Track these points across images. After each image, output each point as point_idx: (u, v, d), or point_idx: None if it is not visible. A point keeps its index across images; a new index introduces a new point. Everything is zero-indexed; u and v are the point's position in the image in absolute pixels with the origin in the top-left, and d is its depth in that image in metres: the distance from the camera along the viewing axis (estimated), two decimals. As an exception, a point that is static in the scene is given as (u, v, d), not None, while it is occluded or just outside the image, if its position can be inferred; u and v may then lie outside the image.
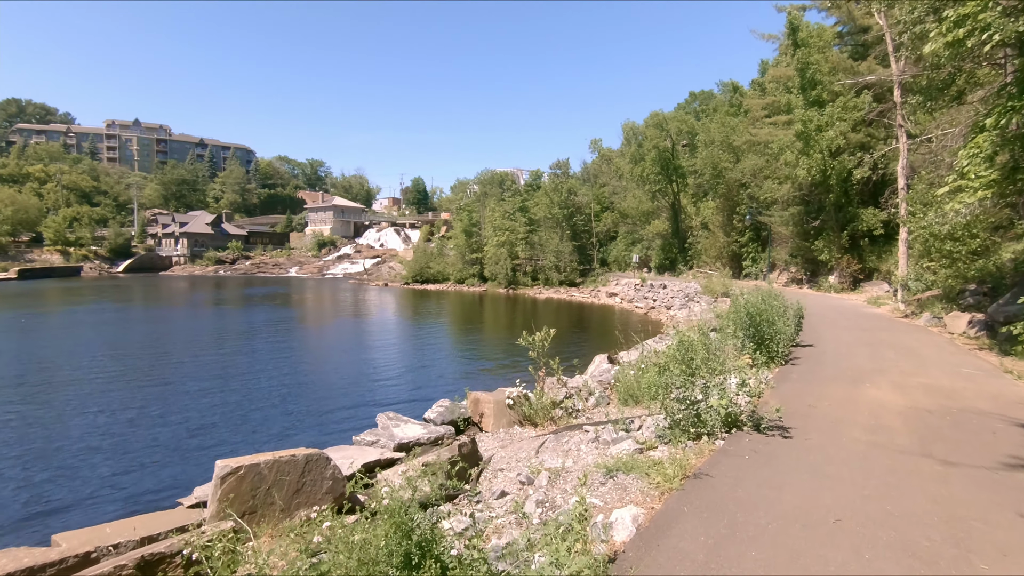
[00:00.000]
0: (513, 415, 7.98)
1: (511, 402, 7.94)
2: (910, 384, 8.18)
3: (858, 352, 11.01)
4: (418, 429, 7.19)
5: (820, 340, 12.44)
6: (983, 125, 10.41)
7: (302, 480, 4.67)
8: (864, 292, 27.02)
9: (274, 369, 17.83)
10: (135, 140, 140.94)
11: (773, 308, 9.97)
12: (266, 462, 4.57)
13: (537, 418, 7.74)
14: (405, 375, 17.54)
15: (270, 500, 4.47)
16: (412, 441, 6.85)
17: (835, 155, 27.38)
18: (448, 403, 8.62)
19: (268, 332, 26.27)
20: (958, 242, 16.69)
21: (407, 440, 6.83)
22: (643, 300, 41.96)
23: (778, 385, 8.23)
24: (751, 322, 9.76)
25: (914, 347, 11.61)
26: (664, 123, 52.01)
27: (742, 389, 5.91)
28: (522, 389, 8.07)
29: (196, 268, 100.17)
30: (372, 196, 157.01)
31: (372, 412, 10.35)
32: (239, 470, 4.43)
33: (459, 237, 68.70)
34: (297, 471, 4.70)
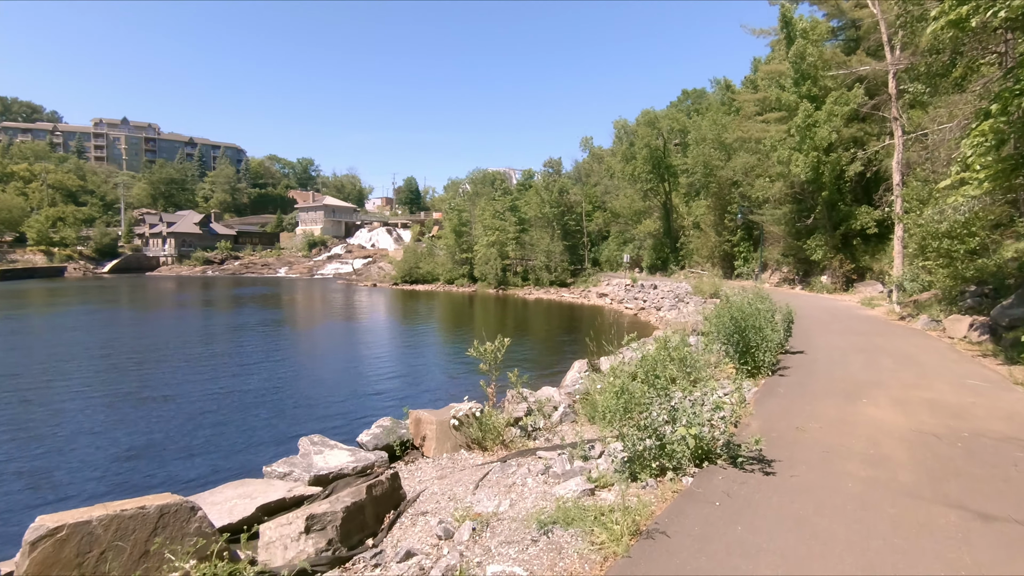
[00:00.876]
0: (460, 437, 6.96)
1: (457, 423, 6.93)
2: (912, 400, 7.22)
3: (853, 360, 10.06)
4: (344, 457, 6.16)
5: (811, 346, 11.50)
6: (987, 111, 9.50)
7: (152, 539, 3.65)
8: (857, 293, 26.19)
9: (233, 378, 16.49)
10: (123, 139, 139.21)
11: (760, 313, 9.01)
12: (101, 518, 3.55)
13: (487, 441, 6.73)
14: (374, 385, 16.17)
15: (104, 570, 3.45)
16: (333, 472, 5.82)
17: (828, 151, 26.54)
18: (389, 422, 7.55)
19: (238, 337, 25.06)
20: (956, 240, 15.83)
21: (327, 471, 5.80)
22: (633, 301, 41.07)
23: (763, 401, 7.26)
24: (735, 329, 8.80)
25: (913, 354, 10.68)
26: (656, 121, 51.13)
27: (716, 414, 4.92)
28: (472, 407, 7.05)
29: (183, 268, 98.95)
30: (364, 196, 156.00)
31: (321, 430, 9.29)
32: (59, 531, 3.41)
33: (449, 237, 67.78)
34: (147, 527, 3.68)
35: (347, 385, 16.09)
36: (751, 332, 8.77)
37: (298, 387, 15.70)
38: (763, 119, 36.11)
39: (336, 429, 10.18)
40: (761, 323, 8.98)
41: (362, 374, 17.78)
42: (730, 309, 8.91)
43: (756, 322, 8.89)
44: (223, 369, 17.83)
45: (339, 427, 10.32)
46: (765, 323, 9.10)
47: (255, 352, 21.31)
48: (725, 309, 8.96)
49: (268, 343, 23.37)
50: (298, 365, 18.92)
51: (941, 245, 16.11)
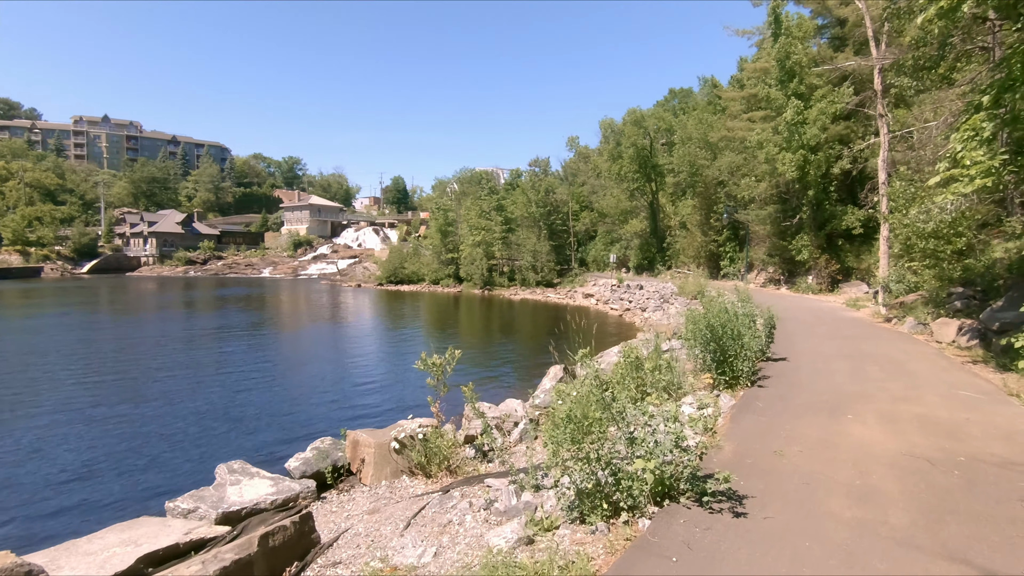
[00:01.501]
0: (401, 462, 6.21)
1: (398, 445, 6.18)
2: (901, 415, 6.60)
3: (837, 368, 9.45)
4: (263, 488, 5.39)
5: (795, 352, 10.90)
6: (979, 104, 8.95)
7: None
8: (842, 293, 25.79)
9: (181, 391, 15.23)
10: (104, 137, 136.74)
11: (739, 319, 8.36)
12: None
13: (431, 466, 6.00)
14: (331, 396, 15.01)
15: None
16: (247, 507, 5.05)
17: (814, 150, 26.13)
18: (327, 443, 6.77)
19: (202, 343, 23.83)
20: (942, 240, 15.36)
21: (240, 506, 5.02)
22: (619, 302, 40.56)
23: (740, 417, 6.60)
24: (712, 336, 8.14)
25: (901, 360, 10.10)
26: (642, 120, 50.68)
27: (682, 442, 4.22)
28: (418, 426, 6.30)
29: (165, 269, 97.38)
30: (351, 195, 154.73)
31: (255, 451, 8.47)
32: None
33: (435, 237, 66.98)
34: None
35: (302, 397, 14.96)
36: (729, 340, 8.12)
37: (248, 400, 14.48)
38: (748, 117, 35.76)
39: (272, 451, 9.22)
40: (740, 330, 8.34)
41: (321, 384, 16.60)
42: (706, 315, 8.24)
43: (735, 329, 8.24)
44: (174, 380, 16.66)
45: (276, 448, 9.28)
46: (745, 329, 8.46)
47: (215, 360, 20.13)
48: (701, 315, 8.30)
49: (231, 349, 22.21)
50: (256, 374, 17.70)
51: (927, 245, 15.64)
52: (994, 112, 8.37)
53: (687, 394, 8.17)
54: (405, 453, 6.14)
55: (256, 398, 14.75)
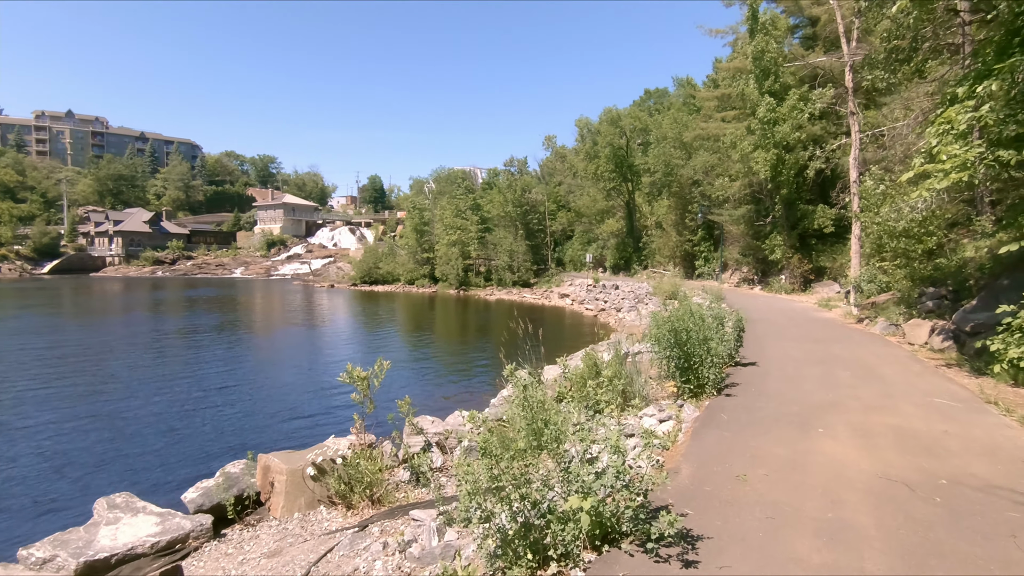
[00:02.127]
0: (319, 490, 5.43)
1: (314, 471, 5.41)
2: (875, 428, 6.06)
3: (808, 374, 8.95)
4: (146, 527, 4.56)
5: (765, 356, 10.39)
6: (954, 95, 8.56)
7: None
8: (815, 293, 25.69)
9: (103, 404, 13.70)
10: (68, 132, 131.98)
11: (706, 324, 7.77)
12: None
13: (353, 495, 5.24)
14: (269, 410, 13.50)
15: None
16: (120, 553, 4.22)
17: (788, 149, 26.00)
18: (240, 467, 5.89)
19: (147, 349, 21.91)
20: (913, 240, 15.13)
21: (109, 553, 4.19)
22: (594, 302, 40.15)
23: (702, 433, 5.98)
24: (676, 341, 7.53)
25: (873, 364, 9.66)
26: (618, 120, 50.50)
27: (622, 477, 3.54)
28: (343, 447, 5.53)
29: (131, 269, 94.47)
30: (327, 194, 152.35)
31: (157, 477, 7.52)
32: None
33: (410, 236, 65.91)
34: None
35: (237, 411, 13.45)
36: (695, 346, 7.53)
37: (173, 415, 12.97)
38: (722, 117, 35.68)
39: (179, 477, 8.10)
40: (707, 334, 7.76)
41: (263, 396, 15.02)
42: (670, 319, 7.63)
43: (701, 334, 7.66)
44: (96, 392, 14.98)
45: (186, 472, 8.21)
46: (712, 334, 7.88)
47: (153, 368, 18.47)
48: (665, 319, 7.68)
49: (176, 356, 20.74)
50: (194, 384, 16.11)
51: (898, 245, 15.40)
52: (968, 104, 7.95)
53: (649, 404, 7.57)
54: (324, 480, 5.38)
55: (184, 413, 13.25)
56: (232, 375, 17.67)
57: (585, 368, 7.49)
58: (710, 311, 9.41)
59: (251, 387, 16.06)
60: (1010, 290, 10.04)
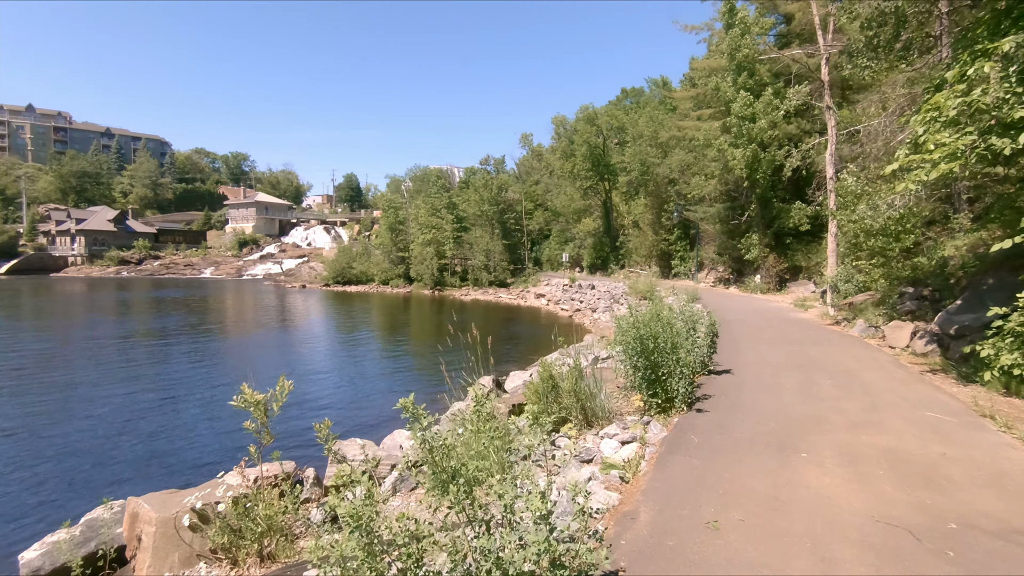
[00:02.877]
0: (199, 542, 4.42)
1: (192, 520, 4.38)
2: (865, 451, 5.28)
3: (787, 382, 8.19)
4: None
5: (740, 362, 9.64)
6: (941, 81, 7.91)
7: None
8: (790, 293, 25.32)
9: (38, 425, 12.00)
10: (28, 127, 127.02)
11: (675, 330, 6.94)
12: None
13: (239, 549, 4.25)
14: (208, 433, 11.83)
15: None
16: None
17: (764, 147, 25.57)
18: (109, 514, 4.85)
19: (76, 357, 20.35)
20: (891, 238, 14.63)
21: None
22: (570, 302, 39.48)
23: (667, 460, 5.12)
24: (642, 350, 6.68)
25: (854, 370, 8.97)
26: (595, 118, 49.96)
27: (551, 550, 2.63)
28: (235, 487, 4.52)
29: (95, 269, 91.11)
30: (302, 193, 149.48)
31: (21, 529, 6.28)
32: None
33: (384, 235, 64.51)
34: None
35: (142, 435, 11.40)
36: (663, 354, 6.69)
37: (60, 442, 10.86)
38: (698, 115, 35.30)
39: (32, 526, 6.61)
40: (676, 341, 6.93)
41: (181, 415, 13.03)
42: (635, 324, 6.77)
43: (670, 341, 6.82)
44: (65, 408, 13.39)
45: (42, 521, 6.72)
46: (682, 341, 7.06)
47: (65, 383, 16.17)
48: (630, 324, 6.82)
49: (96, 367, 18.32)
50: (100, 401, 13.97)
51: (875, 243, 14.89)
52: (958, 89, 7.28)
53: (613, 420, 6.70)
54: (204, 530, 4.37)
55: (72, 439, 11.08)
56: (155, 390, 15.52)
57: (540, 382, 6.59)
58: (681, 314, 8.61)
59: (172, 405, 14.07)
60: (996, 290, 9.47)
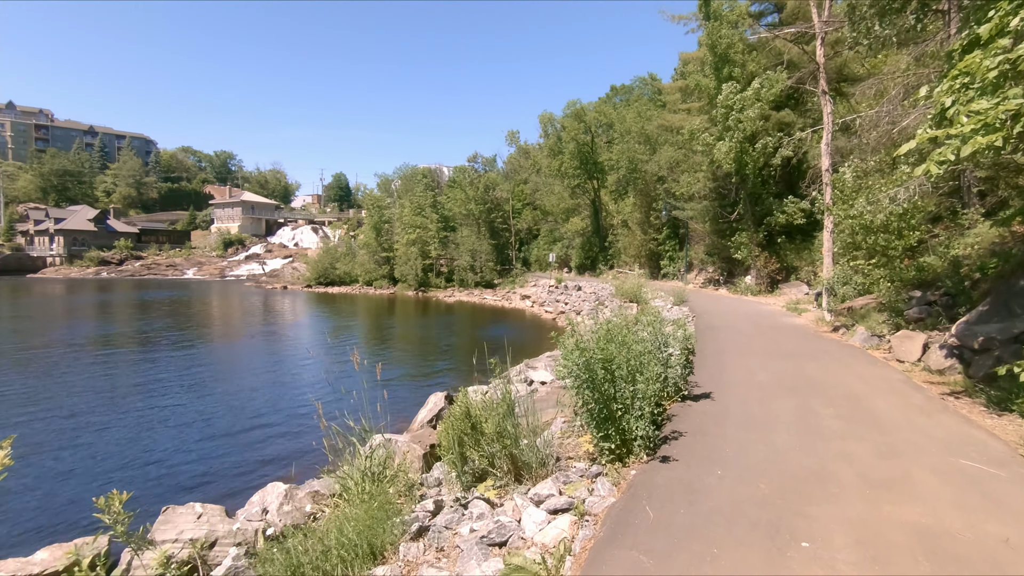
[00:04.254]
0: None
1: None
2: (891, 535, 3.70)
3: (779, 412, 6.61)
4: None
5: (724, 382, 8.06)
6: (974, 39, 6.37)
7: None
8: (782, 295, 23.84)
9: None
10: (8, 125, 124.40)
11: (633, 352, 5.34)
12: None
13: None
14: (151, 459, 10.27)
15: None
16: None
17: (752, 139, 24.06)
18: None
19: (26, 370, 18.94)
20: (893, 235, 13.14)
21: None
22: (555, 304, 37.91)
23: (605, 554, 3.52)
24: (590, 380, 5.07)
25: (861, 394, 7.41)
26: (583, 114, 48.38)
27: None
28: None
29: (74, 270, 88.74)
30: (291, 192, 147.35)
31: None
32: None
33: (369, 235, 62.69)
34: None
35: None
36: (619, 384, 5.10)
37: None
38: (686, 108, 33.87)
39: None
40: (639, 365, 5.34)
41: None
42: (579, 346, 5.15)
43: (628, 366, 5.23)
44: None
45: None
46: (647, 365, 5.45)
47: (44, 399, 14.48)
48: (574, 346, 5.20)
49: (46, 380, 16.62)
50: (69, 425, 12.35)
51: (875, 241, 13.40)
52: (999, 45, 5.74)
53: (552, 472, 5.10)
54: None
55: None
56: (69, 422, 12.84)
57: (455, 420, 4.97)
58: (650, 326, 7.01)
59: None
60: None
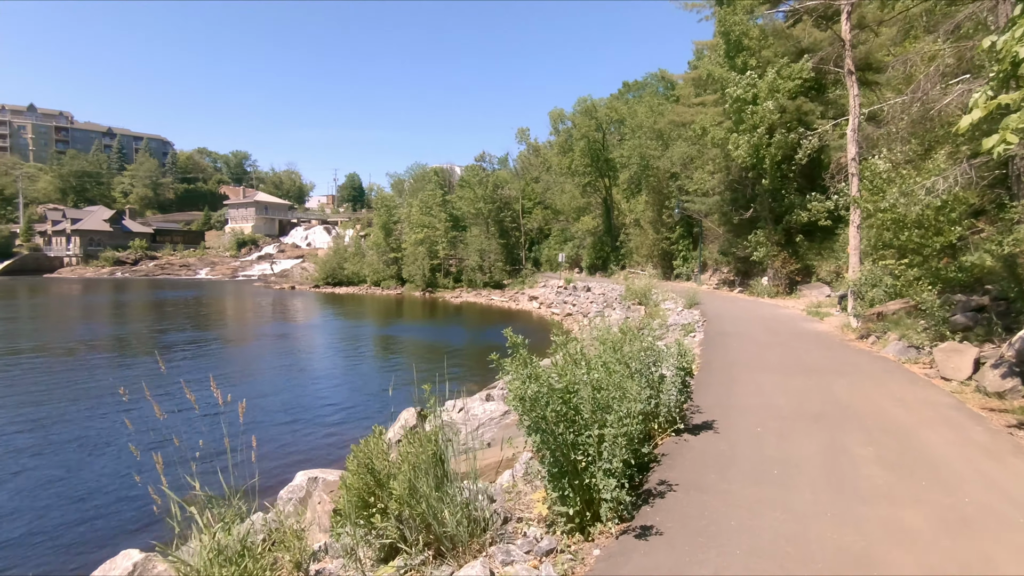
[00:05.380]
0: None
1: None
2: None
3: (801, 454, 5.16)
4: None
5: (732, 406, 6.64)
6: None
7: None
8: (802, 297, 22.13)
9: None
10: (30, 127, 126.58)
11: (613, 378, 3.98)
12: None
13: None
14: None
15: None
16: None
17: (770, 132, 22.39)
18: None
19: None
20: (929, 231, 11.57)
21: None
22: (562, 305, 36.55)
23: None
24: (542, 422, 3.72)
25: (907, 429, 5.91)
26: (593, 110, 46.79)
27: None
28: None
29: (89, 270, 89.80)
30: (305, 192, 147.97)
31: None
32: None
33: (377, 234, 61.87)
34: None
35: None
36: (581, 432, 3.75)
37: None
38: (700, 101, 32.17)
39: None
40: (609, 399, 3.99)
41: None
42: (532, 375, 3.80)
43: (601, 398, 3.89)
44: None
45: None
46: (628, 391, 4.10)
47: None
48: (524, 376, 3.85)
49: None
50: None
51: (910, 238, 11.82)
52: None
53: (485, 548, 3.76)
54: None
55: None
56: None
57: (354, 477, 3.65)
58: (635, 342, 5.61)
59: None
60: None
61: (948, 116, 13.39)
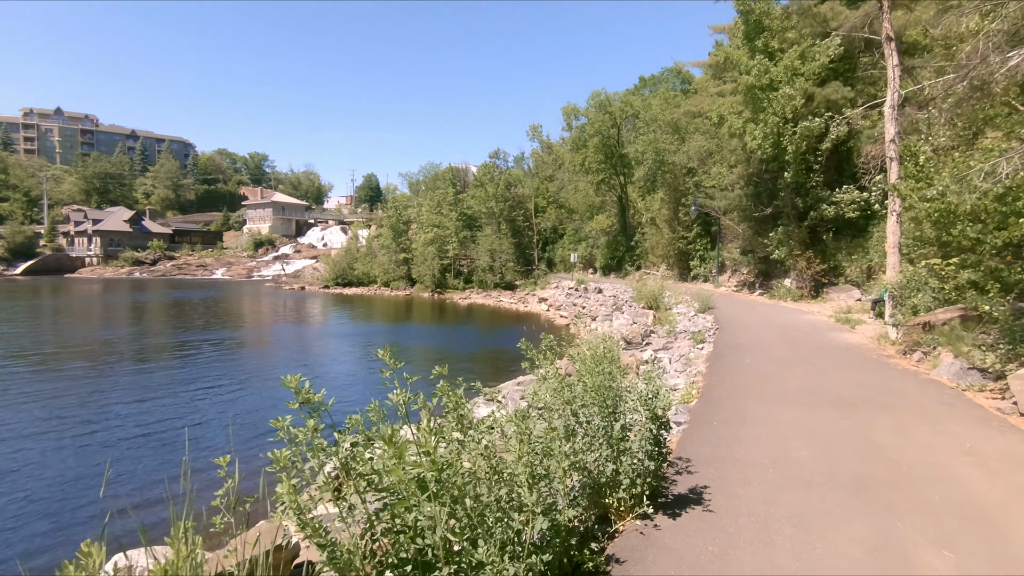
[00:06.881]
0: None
1: None
2: None
3: (839, 558, 3.37)
4: None
5: (733, 463, 4.82)
6: None
7: None
8: (829, 301, 19.93)
9: None
10: (56, 130, 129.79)
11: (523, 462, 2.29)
12: None
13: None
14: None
15: None
16: None
17: (793, 119, 20.23)
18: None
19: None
20: (988, 225, 9.54)
21: None
22: (571, 307, 34.66)
23: None
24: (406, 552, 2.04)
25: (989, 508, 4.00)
26: (607, 104, 44.73)
27: None
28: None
29: (108, 270, 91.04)
30: (323, 193, 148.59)
31: None
32: None
33: (387, 235, 60.80)
34: None
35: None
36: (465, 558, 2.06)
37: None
38: (718, 91, 30.01)
39: None
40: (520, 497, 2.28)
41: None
42: (391, 461, 2.11)
43: (478, 511, 2.19)
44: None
45: None
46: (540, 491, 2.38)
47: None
48: (377, 459, 2.16)
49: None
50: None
51: (963, 232, 9.80)
52: None
53: None
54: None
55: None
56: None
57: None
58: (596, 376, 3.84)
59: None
60: None
61: (1004, 93, 11.30)
